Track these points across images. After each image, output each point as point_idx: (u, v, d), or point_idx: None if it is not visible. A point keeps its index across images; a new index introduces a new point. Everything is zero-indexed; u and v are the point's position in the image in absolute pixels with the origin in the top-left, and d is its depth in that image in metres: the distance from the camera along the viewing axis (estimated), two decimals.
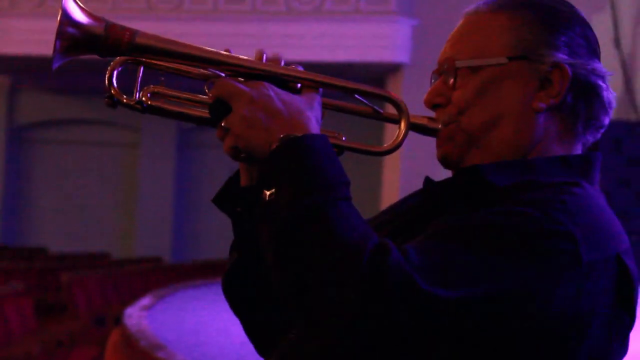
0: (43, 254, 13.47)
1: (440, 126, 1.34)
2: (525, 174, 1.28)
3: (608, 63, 1.36)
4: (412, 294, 1.11)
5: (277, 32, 11.58)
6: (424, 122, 1.35)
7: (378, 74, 12.00)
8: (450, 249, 1.16)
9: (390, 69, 11.90)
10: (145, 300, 6.32)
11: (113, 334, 5.41)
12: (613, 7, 10.90)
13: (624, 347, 1.27)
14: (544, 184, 1.25)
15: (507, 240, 1.16)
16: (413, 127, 1.34)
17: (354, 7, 11.83)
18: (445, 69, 1.35)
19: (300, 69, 1.31)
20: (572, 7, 1.36)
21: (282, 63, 1.31)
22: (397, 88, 11.49)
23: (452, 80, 1.34)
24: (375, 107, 1.34)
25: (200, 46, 1.29)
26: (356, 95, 1.33)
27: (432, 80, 1.38)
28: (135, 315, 5.38)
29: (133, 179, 14.85)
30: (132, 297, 7.13)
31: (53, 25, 1.25)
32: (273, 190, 1.18)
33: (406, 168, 10.92)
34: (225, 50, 1.31)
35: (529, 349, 1.18)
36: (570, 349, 1.19)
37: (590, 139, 1.36)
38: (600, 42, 1.35)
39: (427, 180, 1.37)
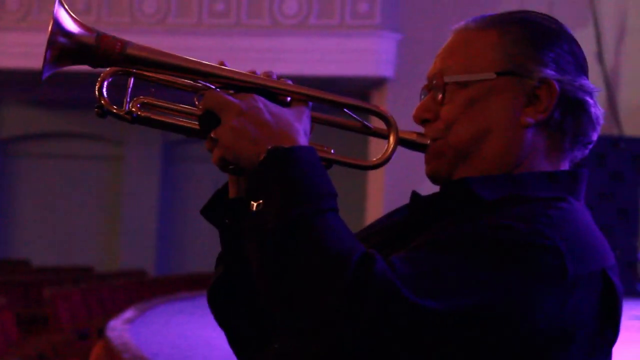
0: (26, 267, 13.39)
1: (429, 142, 1.35)
2: (513, 188, 1.29)
3: (590, 78, 1.39)
4: (397, 303, 1.12)
5: (262, 46, 11.60)
6: (413, 137, 1.36)
7: (362, 88, 12.04)
8: (437, 261, 1.17)
9: (375, 83, 11.94)
10: (129, 313, 6.31)
11: (96, 347, 5.40)
12: (596, 22, 10.99)
13: None
14: (531, 198, 1.26)
15: (493, 253, 1.17)
16: (402, 142, 1.35)
17: (339, 21, 11.88)
18: (434, 85, 1.36)
19: (290, 82, 1.32)
20: (560, 24, 1.38)
21: (275, 77, 1.31)
22: (381, 102, 11.53)
23: (440, 96, 1.35)
24: (364, 121, 1.35)
25: (192, 58, 1.30)
26: (345, 110, 1.34)
27: (422, 96, 1.39)
28: (119, 328, 5.37)
29: (117, 192, 14.81)
30: (116, 311, 7.10)
31: (37, 38, 1.26)
32: (260, 201, 1.19)
33: (390, 183, 10.95)
34: (219, 63, 1.32)
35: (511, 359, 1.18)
36: None
37: (578, 155, 1.37)
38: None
39: (414, 195, 1.38)
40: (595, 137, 1.37)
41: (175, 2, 12.17)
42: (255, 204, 1.19)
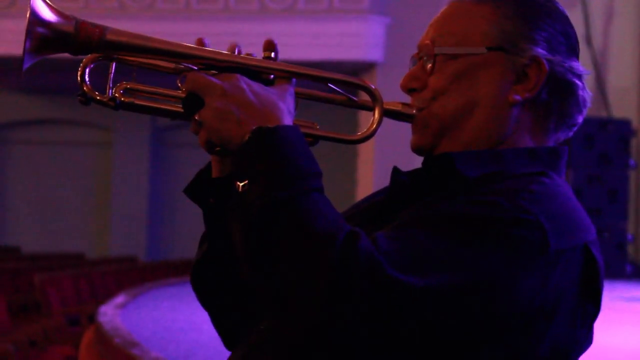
0: (16, 254, 13.38)
1: (414, 111, 1.35)
2: (494, 164, 1.30)
3: (579, 61, 1.39)
4: (381, 280, 1.13)
5: (250, 31, 11.57)
6: (399, 108, 1.36)
7: (352, 72, 12.01)
8: (420, 238, 1.18)
9: (364, 67, 11.94)
10: (119, 299, 6.31)
11: (87, 332, 5.41)
12: (584, 4, 11.00)
13: (588, 337, 1.29)
14: (513, 174, 1.27)
15: (475, 229, 1.18)
16: (387, 113, 1.34)
17: (327, 5, 11.85)
18: (424, 54, 1.36)
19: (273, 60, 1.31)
20: (555, 3, 1.38)
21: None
22: None
23: (429, 65, 1.35)
24: (349, 95, 1.35)
25: (172, 41, 1.30)
26: (330, 85, 1.34)
27: (411, 65, 1.39)
28: (110, 313, 5.37)
29: (107, 178, 14.79)
30: (107, 297, 7.11)
31: (24, 25, 1.25)
32: (246, 181, 1.19)
33: (380, 162, 10.96)
34: (198, 42, 1.32)
35: (494, 336, 1.20)
36: (535, 336, 1.21)
37: (562, 136, 1.37)
38: None
39: (395, 171, 1.38)
40: (580, 119, 1.37)
41: None
42: (240, 185, 1.19)
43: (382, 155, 10.51)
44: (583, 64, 1.37)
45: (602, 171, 10.03)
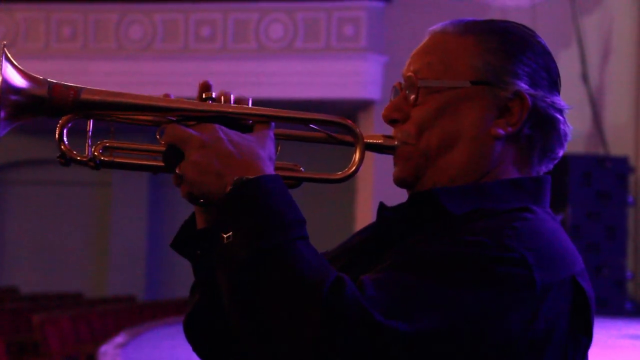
0: (15, 294, 13.32)
1: (396, 143, 1.35)
2: (479, 199, 1.30)
3: (576, 98, 1.41)
4: (370, 328, 1.13)
5: (249, 70, 11.65)
6: (380, 141, 1.35)
7: (349, 111, 12.10)
8: (406, 281, 1.18)
9: (362, 106, 12.00)
10: (120, 338, 6.29)
11: None
12: (580, 43, 11.08)
13: None
14: (497, 211, 1.27)
15: (461, 270, 1.18)
16: (369, 147, 1.34)
17: (325, 44, 11.94)
18: (407, 85, 1.36)
19: (249, 104, 1.31)
20: (538, 37, 1.38)
21: (232, 100, 1.30)
22: (368, 124, 11.58)
23: (412, 97, 1.34)
24: (329, 132, 1.34)
25: (146, 95, 1.29)
26: (311, 125, 1.33)
27: (393, 95, 1.38)
28: (110, 353, 5.35)
29: (105, 218, 14.78)
30: (106, 336, 7.08)
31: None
32: (230, 233, 1.19)
33: (379, 198, 10.96)
34: (164, 95, 1.30)
35: None
36: None
37: (543, 168, 1.38)
38: (568, 78, 1.39)
39: (381, 206, 1.38)
40: (561, 153, 1.38)
41: (162, 27, 12.22)
42: (225, 236, 1.19)
43: (381, 192, 10.52)
44: (580, 102, 1.39)
45: (600, 208, 10.05)
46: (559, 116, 1.35)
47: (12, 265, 14.84)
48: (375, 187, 11.10)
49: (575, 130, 1.42)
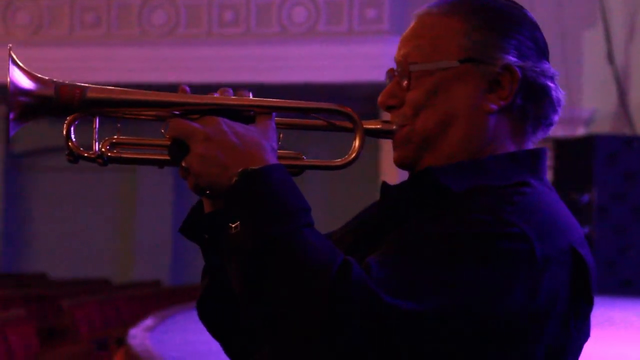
0: (43, 281, 13.46)
1: (394, 127, 1.38)
2: (478, 176, 1.33)
3: (602, 78, 1.42)
4: (377, 308, 1.17)
5: (271, 54, 11.65)
6: (379, 126, 1.39)
7: (372, 94, 12.05)
8: (411, 262, 1.21)
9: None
10: (148, 322, 6.35)
11: (118, 355, 5.44)
12: (605, 23, 10.99)
13: (584, 332, 1.33)
14: (496, 187, 1.30)
15: (465, 248, 1.22)
16: (368, 132, 1.38)
17: (347, 27, 11.92)
18: (398, 70, 1.39)
19: (250, 96, 1.34)
20: (521, 9, 1.41)
21: (231, 93, 1.33)
22: None
23: (405, 82, 1.37)
24: (329, 120, 1.37)
25: (150, 91, 1.32)
26: (311, 114, 1.37)
27: (387, 80, 1.42)
28: (139, 336, 5.41)
29: (131, 204, 14.87)
30: (133, 321, 7.14)
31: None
32: (237, 223, 1.22)
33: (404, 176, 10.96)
34: (181, 89, 1.33)
35: (491, 346, 1.23)
36: (531, 340, 1.25)
37: (539, 136, 1.41)
38: (594, 58, 1.40)
39: (384, 185, 1.42)
40: (556, 118, 1.40)
41: (185, 12, 12.23)
42: (232, 226, 1.23)
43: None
44: (605, 82, 1.40)
45: (626, 189, 9.98)
46: (549, 83, 1.37)
47: (40, 251, 14.99)
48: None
49: (600, 110, 1.43)
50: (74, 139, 1.32)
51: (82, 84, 1.30)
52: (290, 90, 11.52)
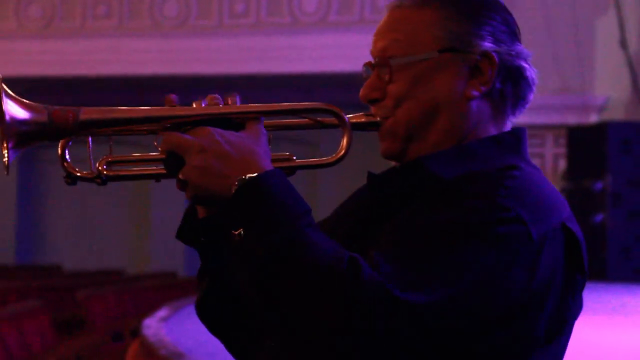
0: (58, 272, 13.54)
1: (378, 119, 1.41)
2: (466, 162, 1.36)
3: (615, 64, 1.43)
4: (389, 303, 1.20)
5: (282, 44, 11.64)
6: (362, 119, 1.42)
7: None
8: (415, 254, 1.25)
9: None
10: (163, 312, 6.38)
11: (133, 345, 5.47)
12: (618, 8, 10.93)
13: (579, 304, 1.38)
14: (486, 172, 1.34)
15: (464, 236, 1.26)
16: (355, 127, 1.40)
17: (359, 16, 11.90)
18: (378, 63, 1.42)
19: (238, 99, 1.36)
20: None
21: (221, 101, 1.35)
22: None
23: (387, 76, 1.40)
24: (315, 118, 1.40)
25: (139, 108, 1.35)
26: (300, 115, 1.39)
27: (364, 73, 1.45)
28: (154, 326, 5.43)
29: (146, 195, 14.92)
30: (148, 312, 7.18)
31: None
32: (240, 230, 1.25)
33: None
34: (168, 99, 1.35)
35: (500, 326, 1.28)
36: (532, 318, 1.30)
37: (518, 114, 1.45)
38: (607, 44, 1.41)
39: (370, 176, 1.44)
40: (532, 97, 1.44)
41: (196, 4, 12.24)
42: (236, 233, 1.25)
43: None
44: (618, 68, 1.43)
45: None
46: (524, 64, 1.42)
47: (56, 243, 15.06)
48: None
49: (614, 96, 1.45)
50: (68, 159, 1.35)
51: (74, 107, 1.33)
52: (301, 80, 11.52)
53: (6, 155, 1.29)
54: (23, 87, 14.04)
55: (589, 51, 10.83)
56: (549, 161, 11.17)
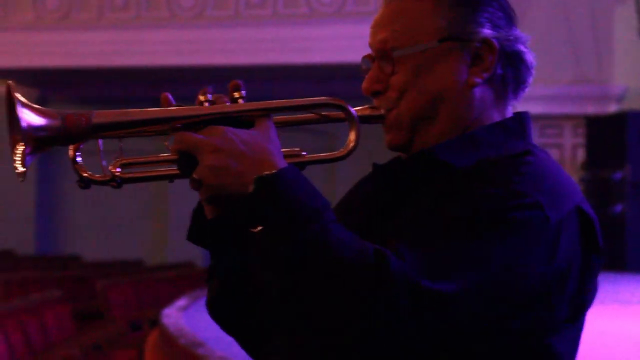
0: (77, 262, 13.61)
1: (383, 112, 1.41)
2: (477, 149, 1.37)
3: (633, 54, 1.43)
4: (420, 295, 1.20)
5: (299, 35, 11.63)
6: (367, 112, 1.42)
7: None
8: (438, 243, 1.25)
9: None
10: (181, 302, 6.42)
11: (152, 334, 5.51)
12: None
13: (595, 286, 1.39)
14: (499, 159, 1.35)
15: (485, 224, 1.26)
16: (361, 120, 1.40)
17: (375, 7, 11.86)
18: (379, 55, 1.42)
19: (243, 101, 1.35)
20: None
21: (227, 100, 1.35)
22: None
23: (389, 68, 1.40)
24: (322, 113, 1.40)
25: (149, 109, 1.34)
26: (310, 111, 1.39)
27: (364, 66, 1.45)
28: (173, 316, 5.46)
29: (164, 185, 14.94)
30: (166, 302, 7.22)
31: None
32: (259, 227, 1.24)
33: None
34: (164, 98, 1.35)
35: (524, 311, 1.29)
36: (554, 301, 1.31)
37: (518, 97, 1.46)
38: (625, 34, 1.40)
39: (376, 167, 1.45)
40: (530, 80, 1.45)
41: None
42: (256, 232, 1.25)
43: None
44: (636, 58, 1.42)
45: None
46: (523, 48, 1.42)
47: (75, 233, 15.13)
48: None
49: (633, 86, 1.44)
50: (81, 163, 1.36)
51: (86, 111, 1.33)
52: (317, 71, 11.51)
53: (19, 159, 1.30)
54: (43, 78, 14.10)
55: (608, 41, 10.76)
56: (567, 151, 11.13)
